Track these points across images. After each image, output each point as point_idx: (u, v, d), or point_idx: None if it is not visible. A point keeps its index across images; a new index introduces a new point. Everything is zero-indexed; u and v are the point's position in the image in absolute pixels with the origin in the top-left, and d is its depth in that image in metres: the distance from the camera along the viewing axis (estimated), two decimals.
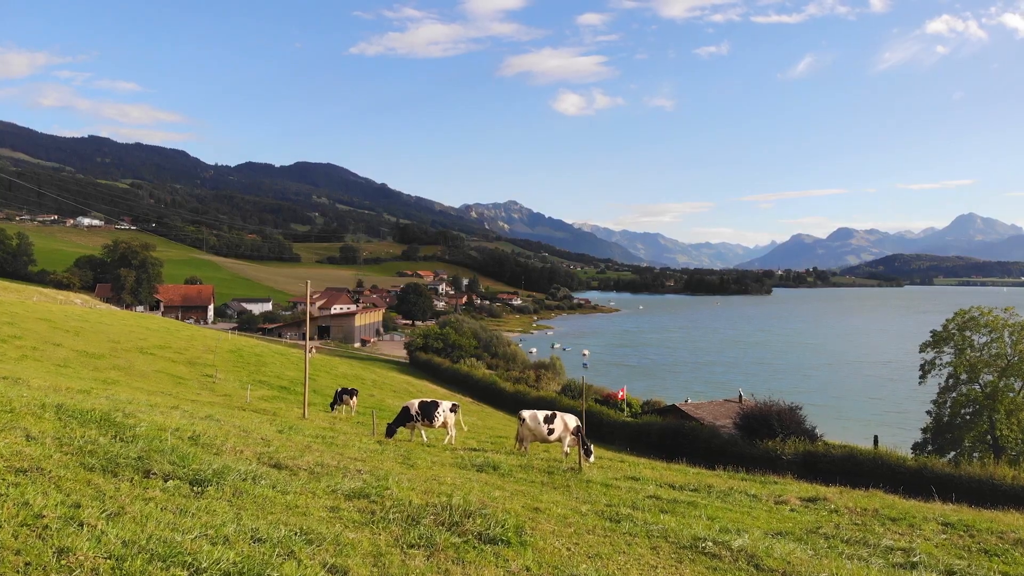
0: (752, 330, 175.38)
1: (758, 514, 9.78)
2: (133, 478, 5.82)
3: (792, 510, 10.29)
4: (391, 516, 6.05)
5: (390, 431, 17.61)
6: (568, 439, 15.30)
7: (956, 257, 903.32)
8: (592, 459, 14.63)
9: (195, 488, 5.93)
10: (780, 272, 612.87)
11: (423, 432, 17.99)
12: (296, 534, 5.05)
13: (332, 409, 27.57)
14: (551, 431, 15.54)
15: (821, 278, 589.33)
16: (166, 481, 5.91)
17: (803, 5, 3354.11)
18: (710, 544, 6.91)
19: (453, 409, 18.32)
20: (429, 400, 18.14)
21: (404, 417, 17.79)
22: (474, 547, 5.68)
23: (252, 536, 4.80)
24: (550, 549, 6.08)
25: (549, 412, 16.23)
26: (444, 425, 17.92)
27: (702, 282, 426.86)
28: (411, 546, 5.45)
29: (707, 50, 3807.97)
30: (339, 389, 28.85)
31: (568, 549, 6.20)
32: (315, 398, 32.30)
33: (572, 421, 15.66)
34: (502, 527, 6.08)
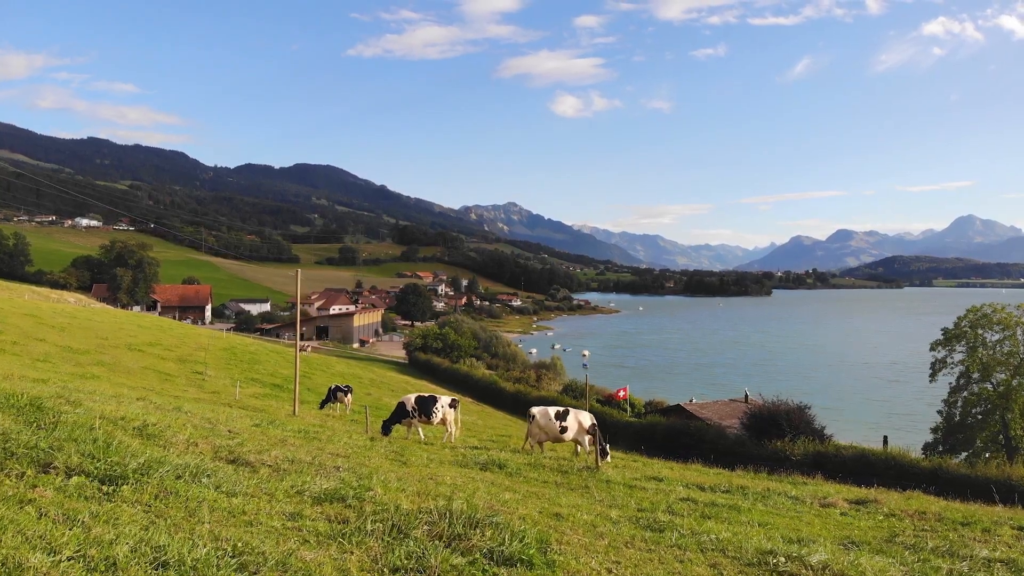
0: (752, 331, 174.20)
1: (810, 519, 8.45)
2: (24, 473, 4.52)
3: (843, 514, 9.00)
4: (370, 526, 4.62)
5: (386, 428, 16.35)
6: (586, 439, 14.02)
7: (955, 259, 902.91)
8: (608, 459, 13.36)
9: (105, 487, 4.59)
10: (780, 274, 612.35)
11: (420, 430, 16.68)
12: (225, 555, 3.65)
13: (322, 407, 26.34)
14: (564, 429, 14.22)
15: (821, 280, 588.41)
16: (69, 477, 4.61)
17: (799, 7, 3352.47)
18: (782, 560, 5.56)
19: (452, 405, 17.01)
20: (427, 395, 16.84)
21: (400, 413, 16.50)
22: (483, 571, 4.25)
23: (154, 558, 3.43)
24: (586, 571, 4.65)
25: (562, 408, 14.93)
26: (443, 422, 16.63)
27: (702, 283, 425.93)
28: (395, 570, 4.04)
29: (704, 52, 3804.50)
30: (332, 386, 27.64)
31: (609, 571, 4.79)
32: (309, 396, 31.09)
33: (587, 419, 14.37)
34: (520, 541, 4.62)
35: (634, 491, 9.21)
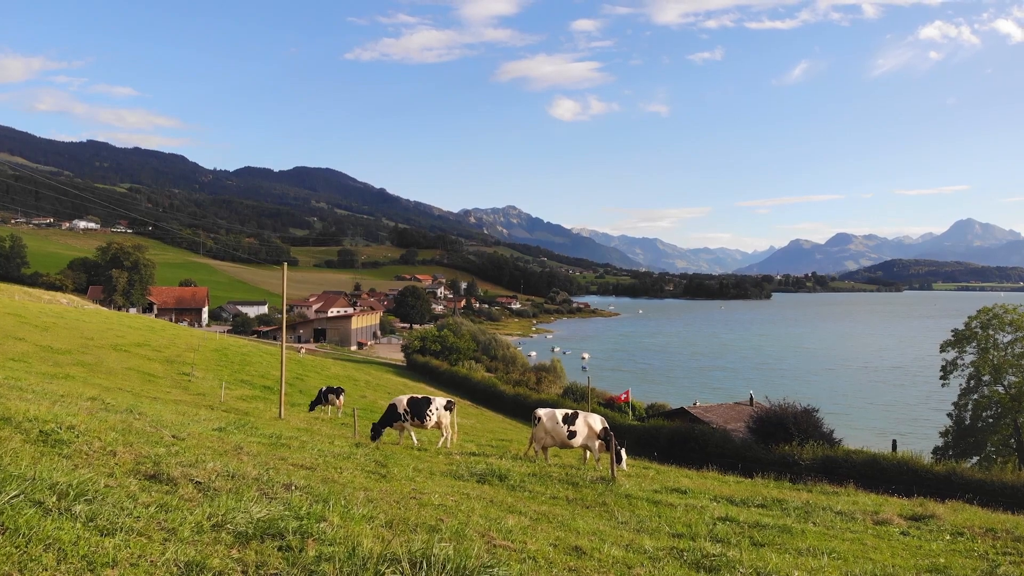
0: (752, 335, 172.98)
1: (874, 543, 7.18)
2: None
3: (904, 534, 7.79)
4: None
5: (375, 432, 15.13)
6: (596, 445, 12.79)
7: (955, 262, 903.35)
8: (624, 465, 12.16)
9: None
10: (779, 277, 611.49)
11: (413, 434, 15.45)
12: None
13: (312, 409, 25.15)
14: (572, 433, 12.98)
15: (820, 283, 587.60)
16: None
17: (796, 11, 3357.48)
18: None
19: (448, 407, 15.75)
20: (420, 396, 15.59)
21: (391, 416, 15.26)
22: None
23: None
24: None
25: (570, 411, 13.69)
26: (438, 425, 15.40)
27: (701, 286, 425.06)
28: None
29: (701, 56, 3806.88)
30: (323, 388, 26.45)
31: None
32: (301, 399, 29.96)
33: (598, 423, 13.12)
34: None
35: (661, 508, 7.95)
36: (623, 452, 12.34)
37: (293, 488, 5.31)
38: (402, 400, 15.34)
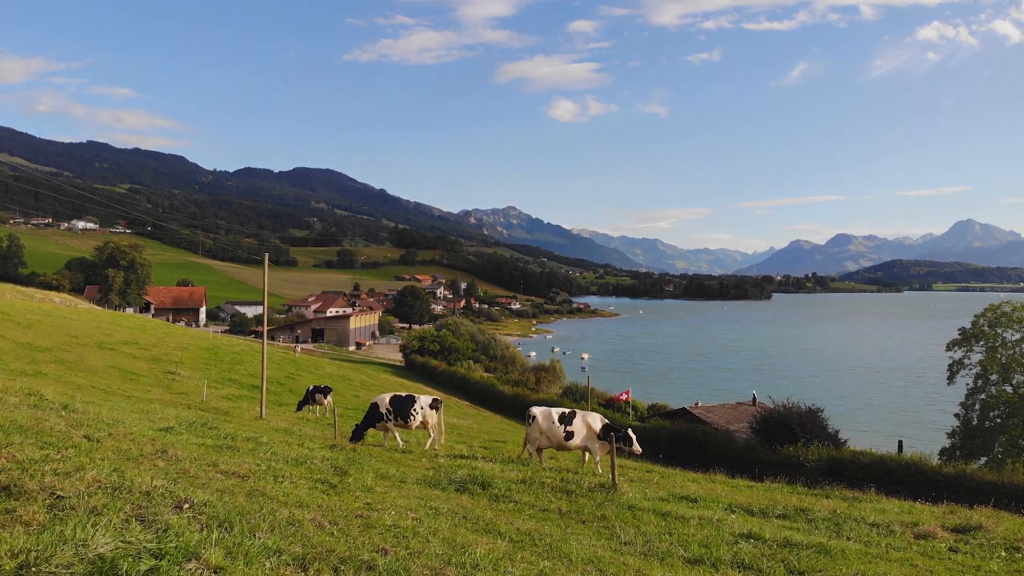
0: (752, 335, 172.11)
1: (927, 564, 6.10)
2: None
3: (953, 550, 6.78)
4: None
5: (357, 434, 14.16)
6: (596, 446, 11.82)
7: (955, 263, 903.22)
8: (636, 446, 11.29)
9: None
10: (779, 278, 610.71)
11: (397, 435, 14.45)
12: None
13: (299, 409, 24.22)
14: (569, 434, 11.96)
15: (820, 284, 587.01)
16: None
17: (794, 12, 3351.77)
18: None
19: (434, 406, 14.71)
20: (404, 395, 14.56)
21: (373, 416, 14.26)
22: None
23: None
24: None
25: (567, 410, 12.67)
26: (424, 425, 14.40)
27: (701, 287, 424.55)
28: None
29: (699, 57, 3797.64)
30: (310, 387, 25.54)
31: None
32: (291, 398, 29.06)
33: (597, 422, 12.08)
34: None
35: (671, 522, 6.82)
36: (631, 431, 11.35)
37: (186, 507, 4.09)
38: (384, 399, 14.32)
